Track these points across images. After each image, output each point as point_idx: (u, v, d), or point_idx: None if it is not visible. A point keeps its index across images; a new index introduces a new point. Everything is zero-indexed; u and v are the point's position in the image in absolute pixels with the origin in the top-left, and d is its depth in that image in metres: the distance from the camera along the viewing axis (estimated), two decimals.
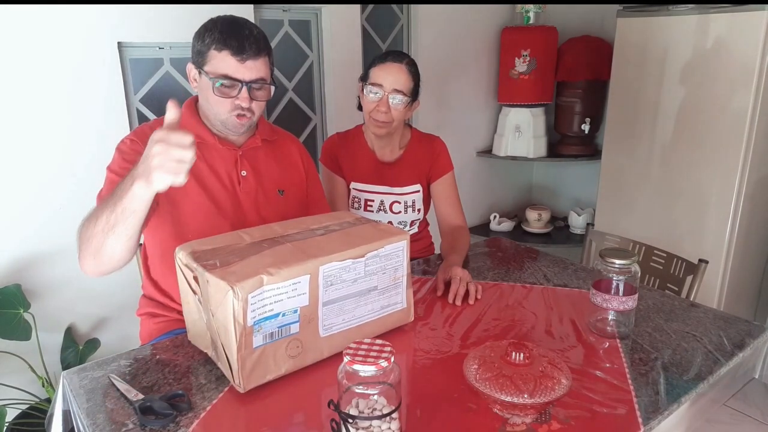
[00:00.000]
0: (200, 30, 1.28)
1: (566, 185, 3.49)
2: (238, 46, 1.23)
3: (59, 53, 1.79)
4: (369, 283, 1.12)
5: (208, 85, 1.26)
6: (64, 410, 1.09)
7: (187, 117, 1.35)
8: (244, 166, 1.39)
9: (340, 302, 1.08)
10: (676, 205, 2.49)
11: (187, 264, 1.05)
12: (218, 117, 1.31)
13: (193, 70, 1.31)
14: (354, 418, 0.81)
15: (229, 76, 1.25)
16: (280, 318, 0.99)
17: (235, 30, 1.25)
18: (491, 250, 1.75)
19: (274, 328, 0.99)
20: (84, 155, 1.87)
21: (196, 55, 1.29)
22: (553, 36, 3.00)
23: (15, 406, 1.79)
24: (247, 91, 1.27)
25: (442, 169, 1.76)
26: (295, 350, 1.04)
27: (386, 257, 1.13)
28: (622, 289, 1.14)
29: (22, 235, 1.82)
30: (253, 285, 0.93)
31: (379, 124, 1.63)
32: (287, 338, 1.02)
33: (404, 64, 1.62)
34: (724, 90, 2.26)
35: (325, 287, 1.04)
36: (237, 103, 1.27)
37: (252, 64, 1.26)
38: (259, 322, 0.96)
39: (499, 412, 0.94)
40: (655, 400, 0.98)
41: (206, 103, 1.31)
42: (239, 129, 1.33)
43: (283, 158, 1.49)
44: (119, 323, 2.04)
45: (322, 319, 1.06)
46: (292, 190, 1.49)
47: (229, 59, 1.24)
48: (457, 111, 3.09)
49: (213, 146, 1.35)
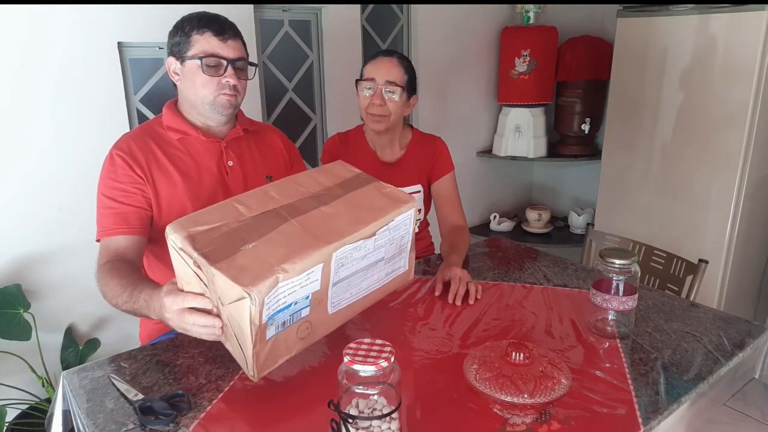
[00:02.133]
0: (177, 24, 1.34)
1: (566, 185, 3.49)
2: (219, 27, 1.31)
3: (59, 53, 1.79)
4: (377, 255, 1.08)
5: (195, 67, 1.30)
6: (64, 410, 1.09)
7: (169, 115, 1.38)
8: (230, 156, 1.42)
9: (348, 279, 1.05)
10: (676, 205, 2.49)
11: (183, 248, 0.96)
12: (206, 100, 1.33)
13: (174, 63, 1.34)
14: (354, 418, 0.81)
15: (215, 54, 1.30)
16: (293, 307, 0.96)
17: (212, 16, 1.33)
18: (491, 250, 1.75)
19: (286, 317, 0.96)
20: (84, 155, 1.86)
21: (175, 47, 1.33)
22: (553, 36, 3.00)
23: (15, 406, 1.79)
24: (232, 69, 1.32)
25: (442, 170, 1.76)
26: (305, 332, 1.01)
27: (395, 228, 1.09)
28: (622, 289, 1.14)
29: (22, 235, 1.82)
30: (269, 287, 0.89)
31: (375, 118, 1.64)
32: (298, 322, 0.99)
33: (395, 58, 1.65)
34: (724, 90, 2.26)
35: (336, 269, 1.01)
36: (224, 81, 1.31)
37: (233, 43, 1.32)
38: (273, 315, 0.93)
39: (499, 412, 0.94)
40: (655, 400, 0.98)
41: (192, 89, 1.33)
42: (227, 109, 1.35)
43: (266, 147, 1.52)
44: (119, 323, 2.04)
45: (331, 297, 1.03)
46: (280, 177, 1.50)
47: (213, 39, 1.30)
48: (457, 111, 3.09)
49: (197, 140, 1.38)
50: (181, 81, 1.35)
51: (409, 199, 1.13)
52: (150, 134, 1.37)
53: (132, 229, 1.29)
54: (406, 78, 1.64)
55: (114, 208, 1.29)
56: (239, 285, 0.87)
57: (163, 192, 1.32)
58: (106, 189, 1.31)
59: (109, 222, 1.28)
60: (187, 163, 1.36)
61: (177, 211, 1.33)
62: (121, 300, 1.15)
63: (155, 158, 1.33)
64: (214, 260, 0.91)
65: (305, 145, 2.60)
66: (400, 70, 1.63)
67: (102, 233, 1.29)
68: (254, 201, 1.06)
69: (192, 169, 1.37)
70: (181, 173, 1.35)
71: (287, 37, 2.43)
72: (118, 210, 1.29)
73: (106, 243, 1.28)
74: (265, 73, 2.38)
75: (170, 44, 1.34)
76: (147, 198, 1.31)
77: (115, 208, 1.29)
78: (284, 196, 1.08)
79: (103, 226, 1.29)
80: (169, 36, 1.34)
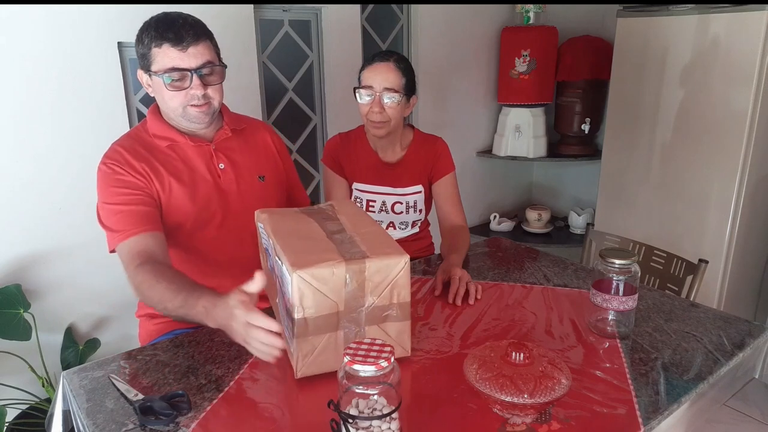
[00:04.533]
0: (138, 34, 1.29)
1: (566, 185, 3.49)
2: (175, 36, 1.23)
3: (59, 53, 1.79)
4: None
5: (160, 83, 1.27)
6: (64, 410, 1.09)
7: (154, 123, 1.36)
8: (220, 159, 1.39)
9: None
10: (676, 205, 2.49)
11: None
12: (176, 113, 1.31)
13: (143, 76, 1.31)
14: (354, 418, 0.81)
15: (176, 68, 1.24)
16: None
17: (168, 23, 1.25)
18: (491, 250, 1.75)
19: None
20: (84, 155, 1.86)
21: (141, 59, 1.29)
22: (553, 36, 3.00)
23: (15, 406, 1.79)
24: (198, 78, 1.26)
25: (443, 170, 1.76)
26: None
27: None
28: (622, 289, 1.14)
29: (22, 235, 1.82)
30: None
31: (376, 125, 1.63)
32: None
33: (392, 62, 1.62)
34: (724, 90, 2.26)
35: None
36: (192, 93, 1.27)
37: (194, 50, 1.25)
38: None
39: (499, 412, 0.94)
40: (655, 400, 0.98)
41: (163, 103, 1.31)
42: (202, 119, 1.33)
43: (257, 145, 1.50)
44: (119, 323, 2.04)
45: None
46: (271, 175, 1.50)
47: (171, 51, 1.24)
48: (457, 111, 3.09)
49: (185, 145, 1.36)
50: (154, 94, 1.32)
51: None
52: (138, 142, 1.34)
53: (148, 226, 1.24)
54: (404, 81, 1.62)
55: (124, 211, 1.24)
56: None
57: (161, 197, 1.31)
58: (108, 197, 1.27)
59: (120, 225, 1.23)
60: (179, 169, 1.34)
61: (175, 215, 1.32)
62: (171, 305, 1.11)
63: (149, 164, 1.31)
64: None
65: (305, 145, 2.60)
66: (397, 74, 1.61)
67: (117, 237, 1.23)
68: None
69: (185, 174, 1.34)
70: (175, 178, 1.32)
71: (287, 37, 2.43)
72: (128, 211, 1.24)
73: (128, 247, 1.22)
74: (265, 73, 2.38)
75: (138, 55, 1.30)
76: (154, 193, 1.29)
77: (124, 211, 1.24)
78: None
79: (117, 231, 1.24)
80: (135, 46, 1.29)
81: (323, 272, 0.98)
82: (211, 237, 1.38)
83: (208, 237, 1.37)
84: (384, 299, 1.03)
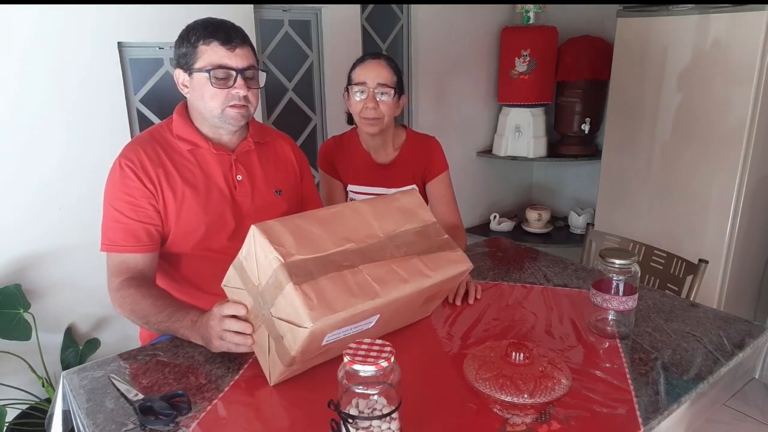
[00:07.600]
0: (182, 34, 1.30)
1: (566, 185, 3.49)
2: (226, 36, 1.26)
3: (59, 53, 1.79)
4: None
5: (203, 80, 1.27)
6: (64, 410, 1.09)
7: (180, 123, 1.35)
8: (239, 170, 1.39)
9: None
10: (676, 205, 2.49)
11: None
12: (215, 113, 1.30)
13: (182, 75, 1.31)
14: (354, 418, 0.81)
15: (223, 66, 1.26)
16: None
17: (217, 24, 1.28)
18: (491, 250, 1.75)
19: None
20: (84, 155, 1.86)
21: (182, 58, 1.29)
22: (553, 36, 3.00)
23: (15, 406, 1.79)
24: (242, 79, 1.28)
25: (437, 169, 1.76)
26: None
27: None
28: (622, 289, 1.14)
29: (23, 235, 1.82)
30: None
31: (370, 121, 1.64)
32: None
33: (383, 60, 1.65)
34: (724, 90, 2.26)
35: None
36: (234, 93, 1.28)
37: (241, 51, 1.28)
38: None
39: (499, 412, 0.94)
40: (655, 400, 0.98)
41: (201, 102, 1.30)
42: (239, 120, 1.33)
43: (278, 158, 1.50)
44: (119, 323, 2.03)
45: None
46: (288, 189, 1.50)
47: (220, 49, 1.25)
48: (457, 111, 3.09)
49: (207, 152, 1.35)
50: (190, 93, 1.32)
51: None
52: (159, 142, 1.34)
53: (144, 246, 1.28)
54: (395, 79, 1.65)
55: (125, 223, 1.27)
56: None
57: (171, 206, 1.30)
58: (114, 200, 1.28)
59: (118, 237, 1.27)
60: (196, 176, 1.34)
61: (184, 226, 1.32)
62: (155, 318, 1.18)
63: (165, 171, 1.30)
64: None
65: (305, 145, 2.60)
66: (389, 71, 1.63)
67: (112, 247, 1.27)
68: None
69: (200, 182, 1.34)
70: (189, 186, 1.32)
71: (287, 37, 2.43)
72: (129, 226, 1.27)
73: (120, 259, 1.27)
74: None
75: (176, 55, 1.30)
76: (158, 212, 1.30)
77: (125, 224, 1.27)
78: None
79: (113, 240, 1.27)
80: (175, 46, 1.30)
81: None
82: (220, 247, 1.36)
83: (218, 246, 1.36)
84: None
